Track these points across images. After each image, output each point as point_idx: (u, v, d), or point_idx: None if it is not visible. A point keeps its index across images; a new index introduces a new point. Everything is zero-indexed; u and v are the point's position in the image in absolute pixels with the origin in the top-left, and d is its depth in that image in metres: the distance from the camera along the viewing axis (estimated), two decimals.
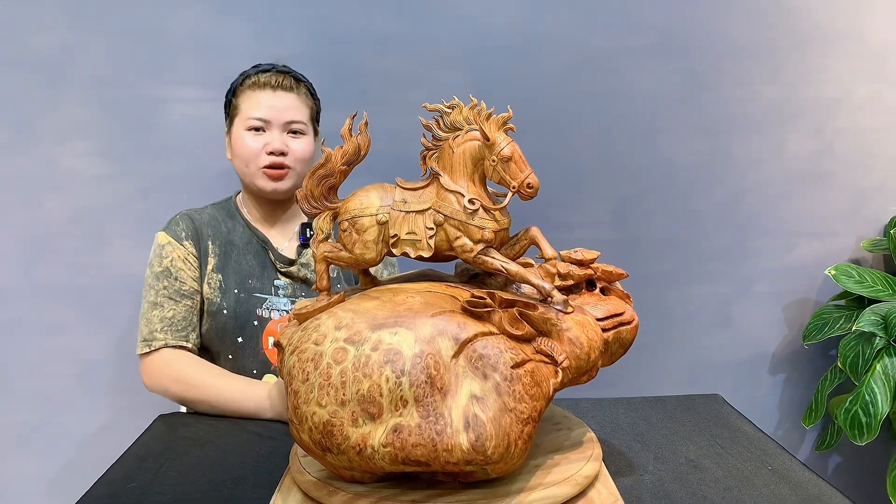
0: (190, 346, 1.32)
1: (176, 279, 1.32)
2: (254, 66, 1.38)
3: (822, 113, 1.92)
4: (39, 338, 1.75)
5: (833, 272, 1.85)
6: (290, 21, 1.71)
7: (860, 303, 1.88)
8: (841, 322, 1.87)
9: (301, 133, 1.36)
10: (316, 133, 1.42)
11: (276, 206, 1.41)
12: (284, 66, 1.40)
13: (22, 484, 1.80)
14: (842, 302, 1.95)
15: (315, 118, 1.42)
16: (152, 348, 1.29)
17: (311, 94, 1.41)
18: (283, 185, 1.35)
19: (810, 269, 1.99)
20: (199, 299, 1.35)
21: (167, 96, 1.70)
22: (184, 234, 1.35)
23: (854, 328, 1.72)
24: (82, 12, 1.65)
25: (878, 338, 1.72)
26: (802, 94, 1.91)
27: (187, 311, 1.33)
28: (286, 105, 1.34)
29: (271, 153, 1.32)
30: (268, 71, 1.36)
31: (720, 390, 1.38)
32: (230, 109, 1.38)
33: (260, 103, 1.33)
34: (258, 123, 1.33)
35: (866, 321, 1.71)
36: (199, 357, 1.33)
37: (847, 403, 1.72)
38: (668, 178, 1.90)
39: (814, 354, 2.02)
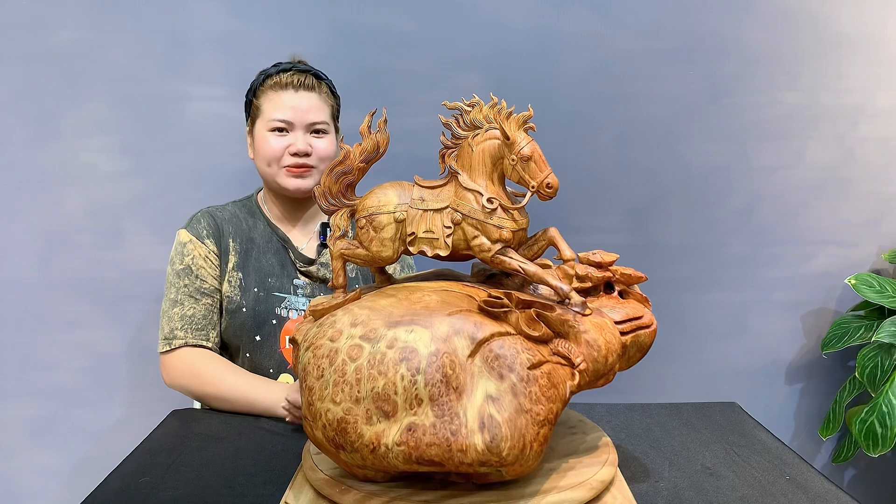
0: (210, 344, 1.32)
1: (197, 277, 1.32)
2: (274, 65, 1.38)
3: (842, 120, 1.90)
4: (55, 332, 1.76)
5: (853, 281, 1.82)
6: (309, 20, 1.72)
7: (880, 313, 1.86)
8: (861, 332, 1.84)
9: (324, 132, 1.36)
10: (337, 130, 1.42)
11: (297, 204, 1.41)
12: (304, 63, 1.39)
13: (36, 477, 1.81)
14: (861, 312, 1.93)
15: (336, 116, 1.42)
16: (172, 346, 1.30)
17: (332, 91, 1.41)
18: (307, 182, 1.35)
19: (829, 279, 1.97)
20: (219, 297, 1.35)
21: (187, 93, 1.71)
22: (205, 232, 1.35)
23: (874, 339, 1.69)
24: (103, 9, 1.66)
25: None
26: (823, 101, 1.89)
27: (207, 310, 1.33)
28: (309, 105, 1.34)
29: (295, 154, 1.32)
30: (289, 70, 1.35)
31: (736, 398, 1.36)
32: (252, 110, 1.38)
33: (283, 104, 1.33)
34: (281, 125, 1.33)
35: (886, 332, 1.69)
36: (218, 355, 1.33)
37: (863, 414, 1.69)
38: (686, 184, 1.89)
39: (831, 364, 1.99)
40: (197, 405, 1.41)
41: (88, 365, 1.78)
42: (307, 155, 1.33)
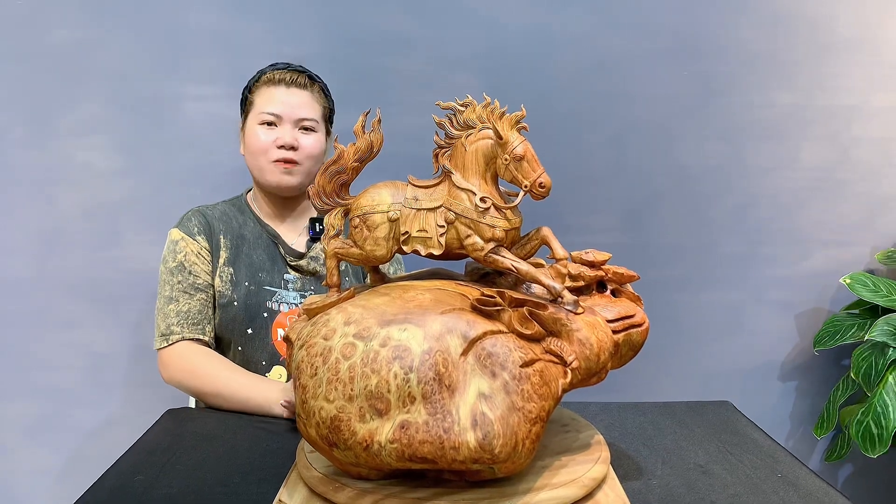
0: (206, 338, 1.33)
1: (190, 273, 1.33)
2: (270, 65, 1.40)
3: (837, 121, 1.91)
4: (51, 331, 1.76)
5: (848, 281, 1.83)
6: (305, 20, 1.72)
7: (874, 313, 1.86)
8: (853, 330, 1.85)
9: (312, 130, 1.37)
10: (328, 132, 1.43)
11: (286, 201, 1.42)
12: (300, 66, 1.41)
13: (31, 475, 1.81)
14: (855, 311, 1.93)
15: (328, 118, 1.43)
16: (170, 342, 1.30)
17: (325, 93, 1.43)
18: (292, 179, 1.36)
19: (823, 278, 1.97)
20: (212, 293, 1.36)
21: (182, 93, 1.71)
22: (196, 229, 1.36)
23: (867, 337, 1.70)
24: (99, 8, 1.66)
25: (891, 348, 1.71)
26: (818, 102, 1.89)
27: (202, 305, 1.34)
28: (299, 102, 1.35)
29: (281, 147, 1.33)
30: (284, 69, 1.37)
31: (730, 397, 1.37)
32: (245, 105, 1.40)
33: (273, 99, 1.34)
34: (270, 118, 1.34)
35: (879, 331, 1.69)
36: (214, 352, 1.34)
37: (859, 415, 1.70)
38: (681, 184, 1.89)
39: (825, 363, 2.00)
40: (192, 404, 1.41)
41: (84, 364, 1.78)
42: (293, 148, 1.34)
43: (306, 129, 1.37)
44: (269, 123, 1.35)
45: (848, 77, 1.89)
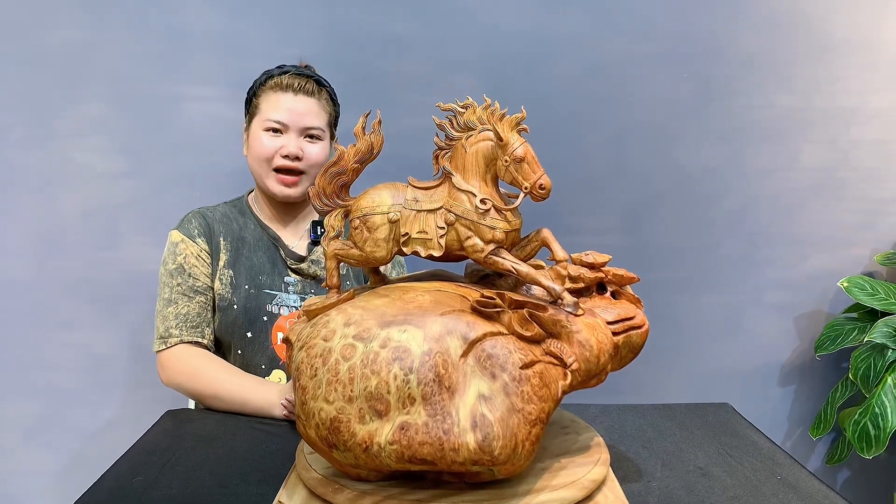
0: (205, 341, 1.33)
1: (190, 276, 1.33)
2: (278, 67, 1.38)
3: (837, 123, 1.91)
4: (51, 331, 1.76)
5: (846, 284, 1.83)
6: (306, 22, 1.72)
7: (873, 315, 1.87)
8: (854, 334, 1.85)
9: (318, 138, 1.36)
10: (332, 137, 1.42)
11: (287, 207, 1.42)
12: (308, 68, 1.40)
13: (31, 475, 1.81)
14: (854, 314, 1.93)
15: (333, 123, 1.42)
16: (168, 345, 1.30)
17: (332, 99, 1.41)
18: (295, 191, 1.36)
19: (823, 281, 1.98)
20: (212, 295, 1.35)
21: (183, 94, 1.71)
22: (196, 231, 1.36)
23: (867, 339, 1.70)
24: (99, 8, 1.66)
25: (890, 350, 1.71)
26: (817, 104, 1.90)
27: (201, 308, 1.33)
28: (306, 109, 1.34)
29: (286, 157, 1.33)
30: (291, 72, 1.36)
31: (729, 399, 1.36)
32: (250, 108, 1.39)
33: (280, 105, 1.33)
34: (276, 125, 1.33)
35: (879, 333, 1.70)
36: (213, 354, 1.34)
37: (856, 416, 1.70)
38: (680, 185, 1.90)
39: (825, 366, 2.00)
40: (192, 405, 1.41)
41: (84, 365, 1.78)
42: (298, 158, 1.33)
43: (312, 136, 1.36)
44: (275, 130, 1.34)
45: (847, 79, 1.89)
